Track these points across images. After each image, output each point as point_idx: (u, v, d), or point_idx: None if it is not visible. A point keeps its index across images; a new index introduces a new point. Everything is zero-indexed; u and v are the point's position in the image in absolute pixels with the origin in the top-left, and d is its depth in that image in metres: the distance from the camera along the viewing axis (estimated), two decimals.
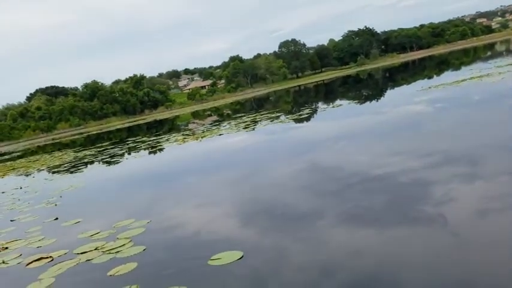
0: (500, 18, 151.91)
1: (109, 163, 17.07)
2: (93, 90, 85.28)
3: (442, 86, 18.94)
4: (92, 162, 18.25)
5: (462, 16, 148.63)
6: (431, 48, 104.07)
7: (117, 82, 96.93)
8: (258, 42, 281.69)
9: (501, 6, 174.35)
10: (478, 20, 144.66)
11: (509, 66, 20.82)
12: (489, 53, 46.53)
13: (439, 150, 7.65)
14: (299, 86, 70.07)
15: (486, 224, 4.37)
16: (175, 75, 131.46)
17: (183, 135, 22.83)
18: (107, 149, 23.89)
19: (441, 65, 44.26)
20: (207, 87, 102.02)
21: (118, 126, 57.94)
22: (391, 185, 6.26)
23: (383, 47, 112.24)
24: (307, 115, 20.38)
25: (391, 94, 25.01)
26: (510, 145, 7.05)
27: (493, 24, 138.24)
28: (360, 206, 5.65)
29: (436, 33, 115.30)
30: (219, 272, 4.59)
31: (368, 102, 22.21)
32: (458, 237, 4.20)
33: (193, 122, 36.75)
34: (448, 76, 26.62)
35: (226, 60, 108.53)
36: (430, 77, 30.14)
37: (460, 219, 4.59)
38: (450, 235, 4.29)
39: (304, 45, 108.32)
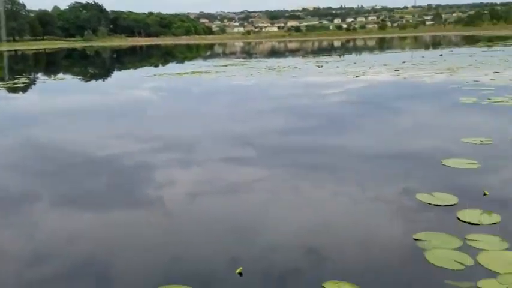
0: (219, 23, 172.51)
1: None
2: None
3: (166, 76, 20.11)
4: None
5: (188, 13, 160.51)
6: (159, 37, 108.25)
7: None
8: None
9: (221, 11, 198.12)
10: (202, 20, 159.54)
11: (224, 67, 23.89)
12: (209, 53, 51.99)
13: (161, 135, 8.10)
14: (15, 51, 61.15)
15: (198, 205, 4.93)
16: None
17: None
18: None
19: (167, 55, 46.83)
20: None
21: None
22: (113, 168, 6.26)
23: (111, 26, 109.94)
24: (23, 85, 18.15)
25: (118, 76, 24.91)
26: (226, 132, 8.09)
27: (213, 26, 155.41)
28: (80, 188, 5.43)
29: (164, 24, 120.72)
30: None
31: (94, 81, 21.49)
32: (173, 218, 4.59)
33: None
34: (172, 67, 28.51)
35: None
36: (156, 65, 31.51)
37: (176, 201, 5.01)
38: (166, 216, 4.64)
39: (24, 6, 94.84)
